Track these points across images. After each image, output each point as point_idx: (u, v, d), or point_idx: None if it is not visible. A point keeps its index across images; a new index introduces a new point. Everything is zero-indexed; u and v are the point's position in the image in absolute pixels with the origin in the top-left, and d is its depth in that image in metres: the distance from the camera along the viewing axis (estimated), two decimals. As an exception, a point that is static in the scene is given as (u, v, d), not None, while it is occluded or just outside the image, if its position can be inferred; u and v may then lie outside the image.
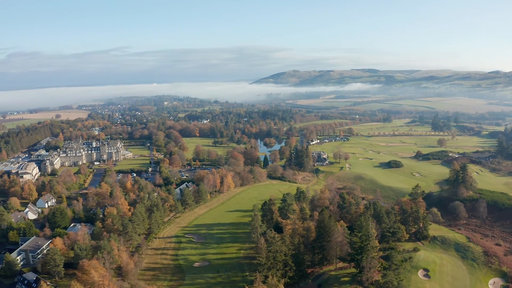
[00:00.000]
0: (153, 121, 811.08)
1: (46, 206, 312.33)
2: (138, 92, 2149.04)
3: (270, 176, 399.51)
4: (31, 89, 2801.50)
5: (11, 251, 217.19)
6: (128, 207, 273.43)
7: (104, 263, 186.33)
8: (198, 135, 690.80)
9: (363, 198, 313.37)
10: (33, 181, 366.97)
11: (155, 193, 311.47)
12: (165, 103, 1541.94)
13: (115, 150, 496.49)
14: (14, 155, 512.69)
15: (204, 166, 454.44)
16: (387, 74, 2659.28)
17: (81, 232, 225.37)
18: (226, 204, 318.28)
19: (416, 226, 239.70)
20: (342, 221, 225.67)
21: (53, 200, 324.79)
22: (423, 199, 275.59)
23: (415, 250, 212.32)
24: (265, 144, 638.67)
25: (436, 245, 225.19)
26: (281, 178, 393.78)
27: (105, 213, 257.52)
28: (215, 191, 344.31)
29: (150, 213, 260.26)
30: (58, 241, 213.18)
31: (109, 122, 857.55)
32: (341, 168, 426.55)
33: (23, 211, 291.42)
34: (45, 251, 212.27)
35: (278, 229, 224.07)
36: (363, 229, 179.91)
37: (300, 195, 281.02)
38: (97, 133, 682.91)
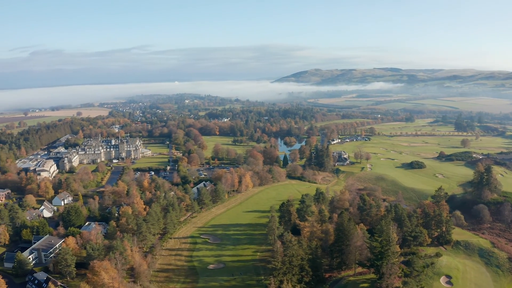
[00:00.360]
0: (173, 119, 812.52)
1: (62, 204, 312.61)
2: (160, 90, 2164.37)
3: (290, 176, 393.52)
4: (54, 86, 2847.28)
5: (24, 249, 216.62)
6: (144, 206, 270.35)
7: (116, 264, 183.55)
8: (218, 133, 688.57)
9: (384, 200, 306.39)
10: (50, 178, 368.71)
11: (172, 192, 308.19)
12: (186, 101, 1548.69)
13: (134, 148, 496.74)
14: (33, 152, 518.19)
15: (223, 165, 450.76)
16: (410, 73, 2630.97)
17: (94, 231, 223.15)
18: (243, 204, 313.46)
19: (438, 230, 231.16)
20: (362, 224, 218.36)
21: (70, 198, 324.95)
22: (446, 202, 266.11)
23: (437, 255, 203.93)
24: (285, 143, 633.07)
25: (459, 250, 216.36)
26: (301, 178, 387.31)
27: (120, 212, 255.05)
28: (233, 191, 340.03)
29: (165, 213, 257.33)
30: (71, 240, 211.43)
31: (129, 120, 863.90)
32: (362, 168, 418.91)
33: (38, 208, 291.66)
34: (57, 250, 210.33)
35: (296, 231, 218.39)
36: (384, 233, 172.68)
37: (319, 196, 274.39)
38: (117, 130, 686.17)
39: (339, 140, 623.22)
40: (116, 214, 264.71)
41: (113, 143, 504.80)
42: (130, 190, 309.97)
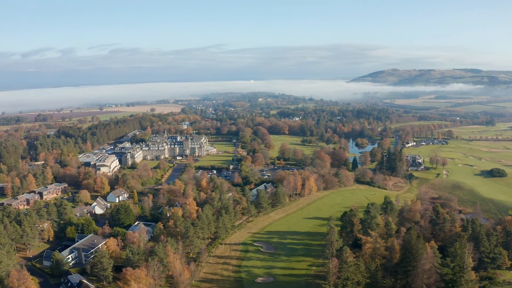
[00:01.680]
0: (242, 117, 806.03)
1: (117, 201, 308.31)
2: (235, 89, 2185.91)
3: (358, 180, 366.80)
4: (131, 83, 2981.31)
5: (66, 247, 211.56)
6: (196, 208, 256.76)
7: (154, 272, 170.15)
8: (287, 132, 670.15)
9: (460, 212, 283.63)
10: (109, 174, 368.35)
11: (229, 194, 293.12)
12: (260, 99, 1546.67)
13: (198, 146, 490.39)
14: (99, 146, 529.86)
15: (288, 166, 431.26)
16: (491, 74, 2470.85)
17: (137, 233, 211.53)
18: (305, 209, 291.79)
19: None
20: (433, 241, 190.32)
21: (125, 195, 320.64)
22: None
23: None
24: (356, 145, 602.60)
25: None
26: (370, 183, 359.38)
27: (169, 214, 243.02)
28: (296, 194, 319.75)
29: (218, 216, 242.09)
30: (111, 241, 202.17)
31: (199, 117, 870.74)
32: (438, 175, 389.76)
33: (91, 204, 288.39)
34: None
35: (358, 244, 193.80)
36: (458, 257, 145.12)
37: (387, 206, 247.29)
38: (185, 127, 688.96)
39: (414, 143, 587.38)
40: (167, 215, 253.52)
41: (178, 140, 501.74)
42: (186, 190, 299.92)
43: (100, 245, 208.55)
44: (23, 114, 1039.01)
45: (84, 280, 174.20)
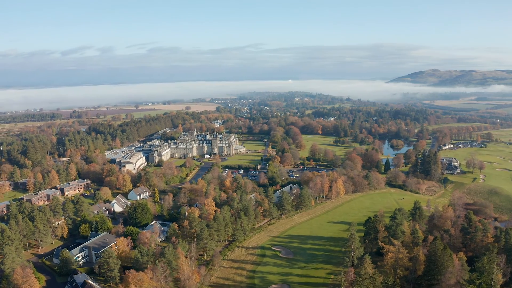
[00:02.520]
0: (275, 116, 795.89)
1: (138, 199, 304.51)
2: (272, 88, 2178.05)
3: (390, 184, 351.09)
4: (170, 82, 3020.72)
5: (78, 245, 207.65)
6: (215, 209, 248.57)
7: (161, 274, 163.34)
8: (320, 132, 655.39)
9: (495, 219, 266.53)
10: (133, 171, 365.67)
11: (252, 195, 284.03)
12: (296, 99, 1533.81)
13: (227, 144, 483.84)
14: (129, 144, 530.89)
15: (318, 167, 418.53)
16: None
17: (149, 233, 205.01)
18: (330, 213, 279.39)
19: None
20: (462, 253, 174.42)
21: (147, 193, 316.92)
22: None
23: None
24: (391, 146, 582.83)
25: None
26: (402, 187, 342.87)
27: (186, 214, 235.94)
28: (322, 197, 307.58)
29: (236, 218, 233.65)
30: (121, 241, 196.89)
31: (232, 116, 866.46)
32: (474, 179, 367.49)
33: (111, 202, 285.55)
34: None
35: (382, 253, 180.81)
36: (485, 273, 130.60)
37: (415, 212, 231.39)
38: (217, 126, 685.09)
39: (451, 146, 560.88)
40: (185, 215, 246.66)
41: (207, 138, 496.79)
42: (208, 189, 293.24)
43: (112, 244, 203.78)
44: (60, 111, 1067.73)
45: (89, 281, 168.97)
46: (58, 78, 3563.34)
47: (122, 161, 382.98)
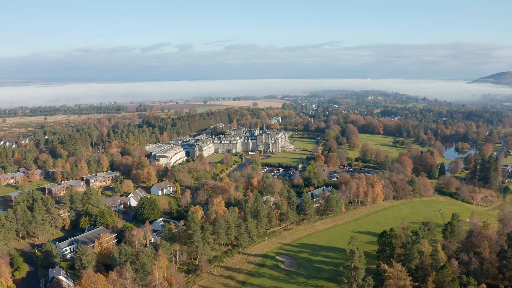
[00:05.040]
0: (336, 113, 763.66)
1: (160, 194, 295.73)
2: (348, 86, 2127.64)
3: (440, 191, 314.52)
4: (247, 79, 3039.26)
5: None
6: (224, 209, 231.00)
7: (129, 277, 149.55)
8: (381, 132, 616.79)
9: None
10: (163, 165, 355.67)
11: (271, 197, 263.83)
12: (369, 97, 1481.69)
13: (273, 141, 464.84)
14: (177, 137, 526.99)
15: (366, 169, 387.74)
16: None
17: (136, 232, 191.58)
18: (360, 221, 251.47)
19: None
20: (484, 284, 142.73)
21: (171, 188, 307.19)
22: None
23: None
24: (456, 149, 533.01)
25: None
26: (453, 195, 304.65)
27: (188, 213, 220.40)
28: (357, 202, 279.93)
29: (242, 221, 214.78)
30: (103, 238, 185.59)
31: (294, 112, 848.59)
32: None
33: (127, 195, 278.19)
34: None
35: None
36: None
37: (446, 228, 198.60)
38: (273, 122, 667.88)
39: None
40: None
41: (256, 134, 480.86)
42: (229, 187, 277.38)
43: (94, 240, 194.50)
44: (127, 104, 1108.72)
45: (60, 276, 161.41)
46: (139, 73, 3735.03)
47: (157, 154, 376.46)
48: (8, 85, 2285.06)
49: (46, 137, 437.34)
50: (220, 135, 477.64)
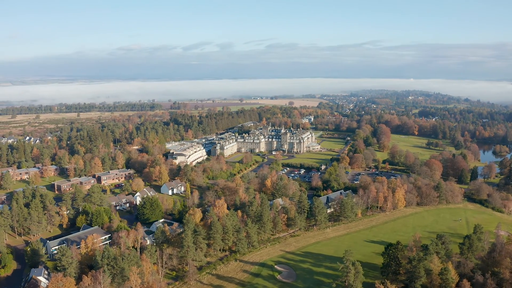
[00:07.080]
0: (369, 113, 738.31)
1: (170, 193, 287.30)
2: (389, 86, 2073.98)
3: (469, 197, 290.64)
4: (289, 78, 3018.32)
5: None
6: (226, 212, 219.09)
7: (100, 283, 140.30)
8: (416, 133, 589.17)
9: None
10: (177, 164, 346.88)
11: (280, 200, 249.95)
12: (409, 97, 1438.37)
13: (297, 141, 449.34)
14: (202, 135, 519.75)
15: (393, 172, 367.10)
16: None
17: (123, 233, 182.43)
18: (375, 229, 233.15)
19: None
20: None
21: (182, 188, 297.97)
22: None
23: None
24: (494, 153, 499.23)
25: None
26: (483, 202, 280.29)
27: (185, 216, 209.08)
28: (376, 207, 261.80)
29: (244, 225, 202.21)
30: (90, 239, 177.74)
31: (327, 112, 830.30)
32: None
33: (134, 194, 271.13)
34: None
35: None
36: None
37: (464, 242, 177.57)
38: (305, 121, 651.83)
39: None
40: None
41: (281, 133, 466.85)
42: (238, 188, 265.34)
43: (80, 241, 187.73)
44: (160, 102, 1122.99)
45: (39, 277, 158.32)
46: (180, 72, 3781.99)
47: (174, 152, 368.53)
48: (52, 82, 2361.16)
49: (68, 133, 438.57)
50: (244, 134, 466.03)
